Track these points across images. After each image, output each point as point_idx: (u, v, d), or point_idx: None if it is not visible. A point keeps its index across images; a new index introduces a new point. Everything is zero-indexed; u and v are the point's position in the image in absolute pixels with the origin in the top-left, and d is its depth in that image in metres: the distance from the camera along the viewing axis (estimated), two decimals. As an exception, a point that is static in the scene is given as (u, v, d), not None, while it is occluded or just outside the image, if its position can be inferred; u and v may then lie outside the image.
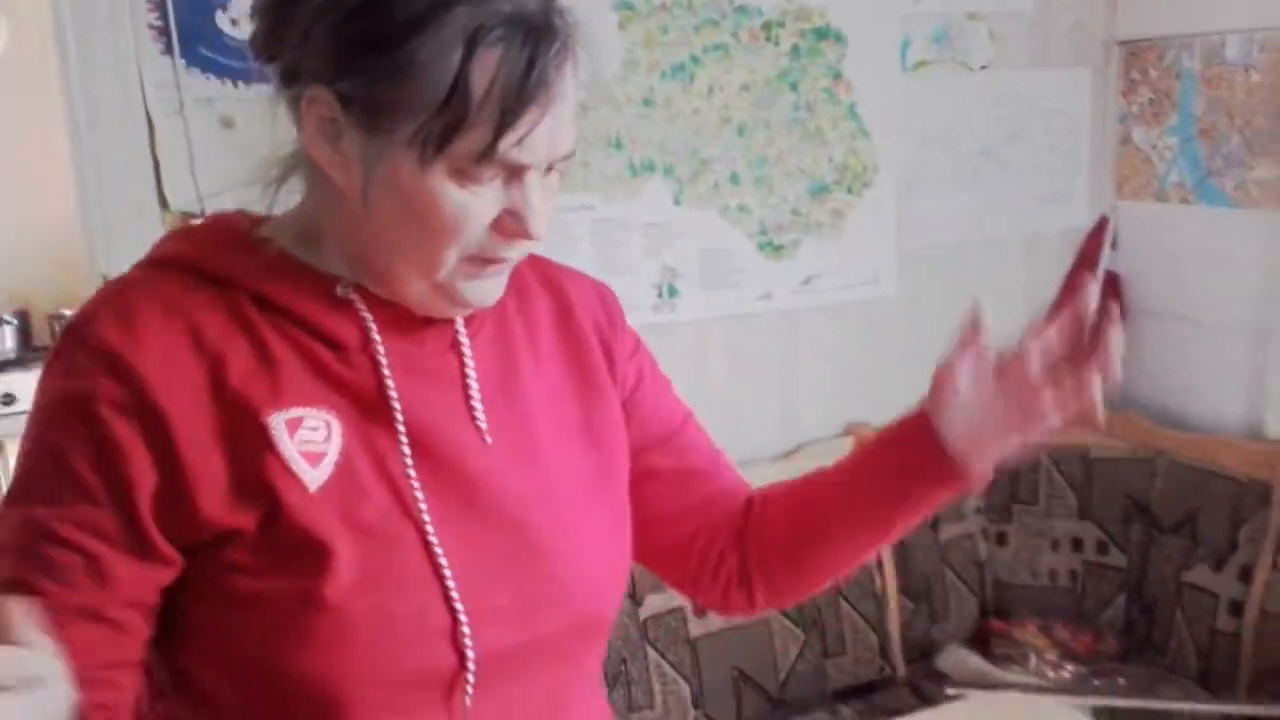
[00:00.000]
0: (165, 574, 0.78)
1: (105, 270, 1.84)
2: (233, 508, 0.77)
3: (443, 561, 0.81)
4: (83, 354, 0.77)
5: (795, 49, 2.23)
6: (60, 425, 0.77)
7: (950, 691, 1.85)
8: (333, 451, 0.80)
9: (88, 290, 3.21)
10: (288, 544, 0.78)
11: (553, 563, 0.86)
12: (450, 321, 0.87)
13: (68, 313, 3.67)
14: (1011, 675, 2.23)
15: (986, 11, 2.36)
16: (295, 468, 0.78)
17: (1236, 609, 2.16)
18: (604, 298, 1.00)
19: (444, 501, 0.83)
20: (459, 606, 0.81)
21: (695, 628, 2.19)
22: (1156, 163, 2.42)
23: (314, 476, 0.79)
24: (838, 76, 2.27)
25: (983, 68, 2.39)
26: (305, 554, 0.77)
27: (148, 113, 1.79)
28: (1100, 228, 2.53)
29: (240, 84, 1.83)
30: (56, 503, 0.76)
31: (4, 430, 3.40)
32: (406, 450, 0.82)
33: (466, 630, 0.81)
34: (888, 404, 2.40)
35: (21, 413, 3.43)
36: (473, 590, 0.82)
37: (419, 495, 0.82)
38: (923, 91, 2.35)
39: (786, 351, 2.36)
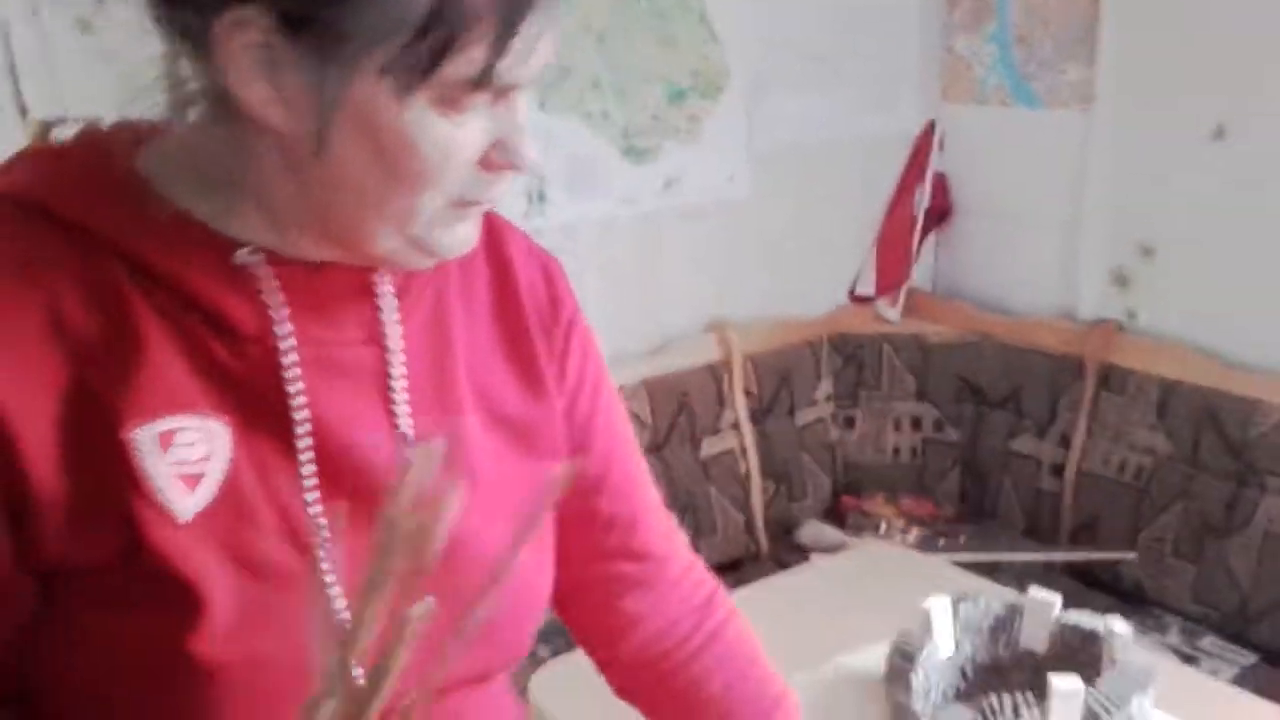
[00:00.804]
0: (15, 594, 0.63)
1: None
2: (84, 540, 0.62)
3: (340, 604, 0.67)
4: None
5: (651, -43, 2.29)
6: None
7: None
8: (215, 471, 0.64)
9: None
10: (149, 585, 0.62)
11: (471, 596, 0.65)
12: (372, 298, 0.71)
13: None
14: (865, 541, 2.43)
15: (825, -79, 2.48)
16: (163, 496, 0.62)
17: (1057, 471, 2.42)
18: (549, 273, 0.83)
19: (353, 530, 0.63)
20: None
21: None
22: (977, 68, 2.61)
23: (188, 505, 0.63)
24: (690, -16, 2.35)
25: (819, -22, 2.51)
26: (170, 598, 0.62)
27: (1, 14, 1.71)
28: (929, 131, 2.72)
29: (96, -15, 1.76)
30: None
31: None
32: (309, 467, 0.67)
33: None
34: (745, 300, 2.55)
35: None
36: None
37: (321, 523, 0.67)
38: None
39: (650, 254, 2.45)
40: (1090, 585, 2.32)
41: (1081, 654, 1.34)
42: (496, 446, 0.76)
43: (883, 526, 2.46)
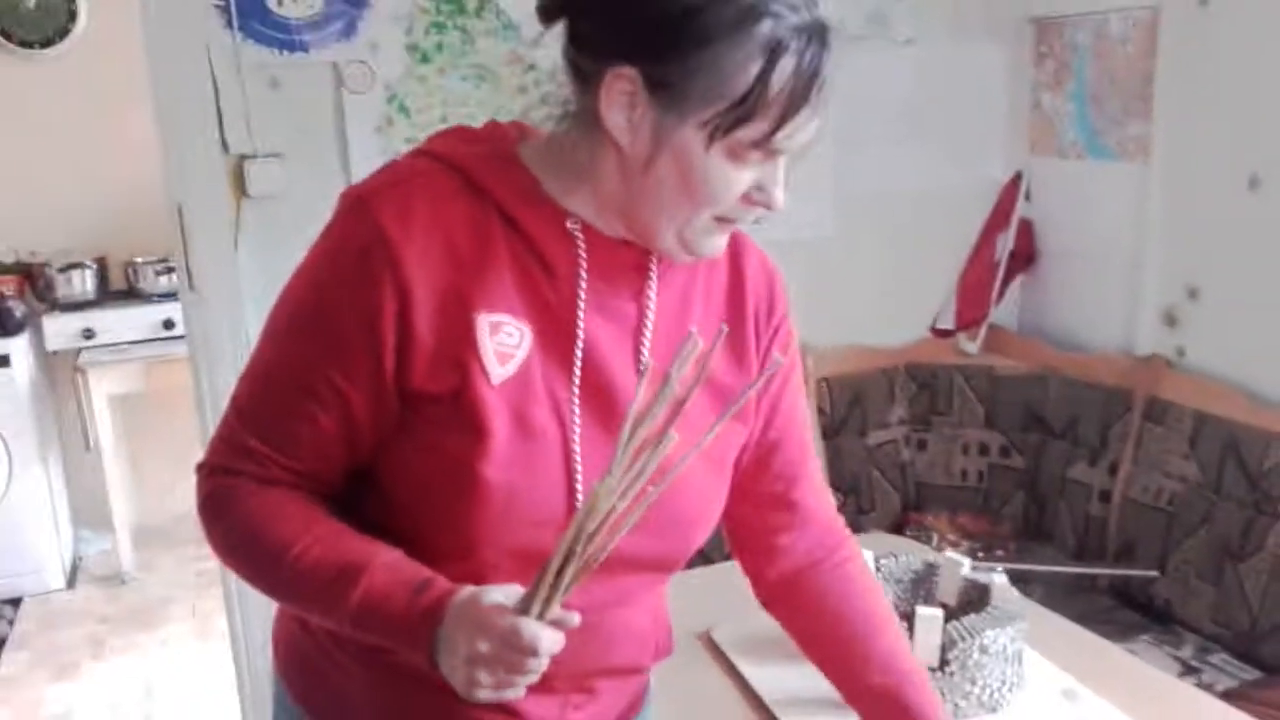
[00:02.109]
0: (389, 414, 0.95)
1: (178, 199, 2.33)
2: (435, 376, 0.93)
3: (578, 466, 0.96)
4: (366, 230, 0.92)
5: (743, 26, 2.66)
6: (338, 282, 0.93)
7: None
8: (519, 356, 0.94)
9: (158, 239, 3.73)
10: (465, 416, 0.93)
11: (667, 502, 0.90)
12: (646, 275, 1.01)
13: (140, 260, 4.18)
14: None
15: (911, -8, 2.78)
16: (486, 361, 0.93)
17: (1105, 497, 2.57)
18: (772, 282, 1.12)
19: (592, 422, 0.97)
20: (580, 504, 0.94)
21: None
22: (1058, 124, 2.82)
23: (499, 372, 0.93)
24: (780, 49, 2.70)
25: (907, 42, 2.81)
26: (473, 430, 0.93)
27: (213, 76, 2.26)
28: (1015, 181, 2.94)
29: (285, 52, 2.30)
30: (322, 341, 0.94)
31: (86, 359, 3.92)
32: (578, 373, 0.97)
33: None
34: (824, 328, 2.85)
35: (101, 345, 3.97)
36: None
37: (576, 411, 0.96)
38: (855, 63, 2.76)
39: (737, 281, 2.79)
40: (1125, 604, 2.45)
41: (980, 604, 1.58)
42: (704, 402, 1.00)
43: (934, 539, 2.67)
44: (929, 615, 1.47)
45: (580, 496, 0.96)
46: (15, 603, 3.89)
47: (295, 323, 0.97)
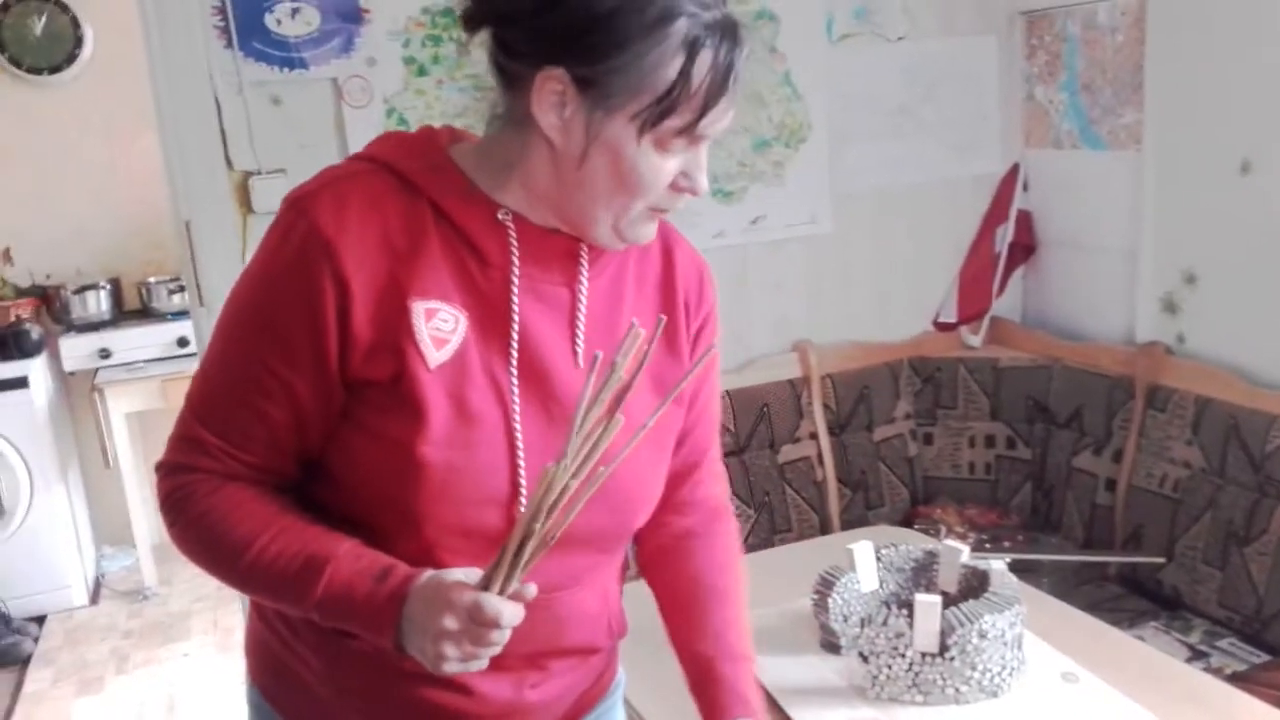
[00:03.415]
0: (335, 402, 1.00)
1: (186, 216, 2.37)
2: (374, 364, 0.98)
3: (520, 445, 1.01)
4: (304, 231, 0.97)
5: (736, 29, 2.69)
6: (281, 281, 0.98)
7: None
8: (455, 341, 0.99)
9: (170, 259, 3.80)
10: (404, 400, 0.98)
11: (614, 482, 0.94)
12: (576, 263, 1.06)
13: (153, 280, 4.23)
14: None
15: (901, -9, 2.81)
16: (423, 346, 0.97)
17: (1111, 485, 2.58)
18: (701, 274, 1.18)
19: (531, 402, 1.02)
20: (523, 483, 1.01)
21: (662, 506, 2.67)
22: (1053, 115, 2.84)
23: (435, 357, 0.98)
24: (773, 50, 2.73)
25: (899, 39, 2.83)
26: (411, 413, 0.98)
27: (215, 94, 2.30)
28: (1012, 173, 2.95)
29: (285, 70, 2.34)
30: (268, 337, 0.98)
31: (104, 378, 3.97)
32: (514, 356, 1.01)
33: (524, 503, 1.00)
34: (826, 324, 2.87)
35: (118, 365, 4.03)
36: (534, 477, 0.96)
37: (515, 393, 1.01)
38: (847, 60, 2.79)
39: (738, 281, 2.82)
40: (1134, 591, 2.46)
41: (980, 591, 1.60)
42: (642, 386, 1.03)
43: (943, 531, 2.68)
44: (927, 602, 1.49)
45: (523, 474, 1.01)
46: (40, 620, 3.94)
47: (242, 321, 1.01)
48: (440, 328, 0.98)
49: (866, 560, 1.69)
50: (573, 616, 1.12)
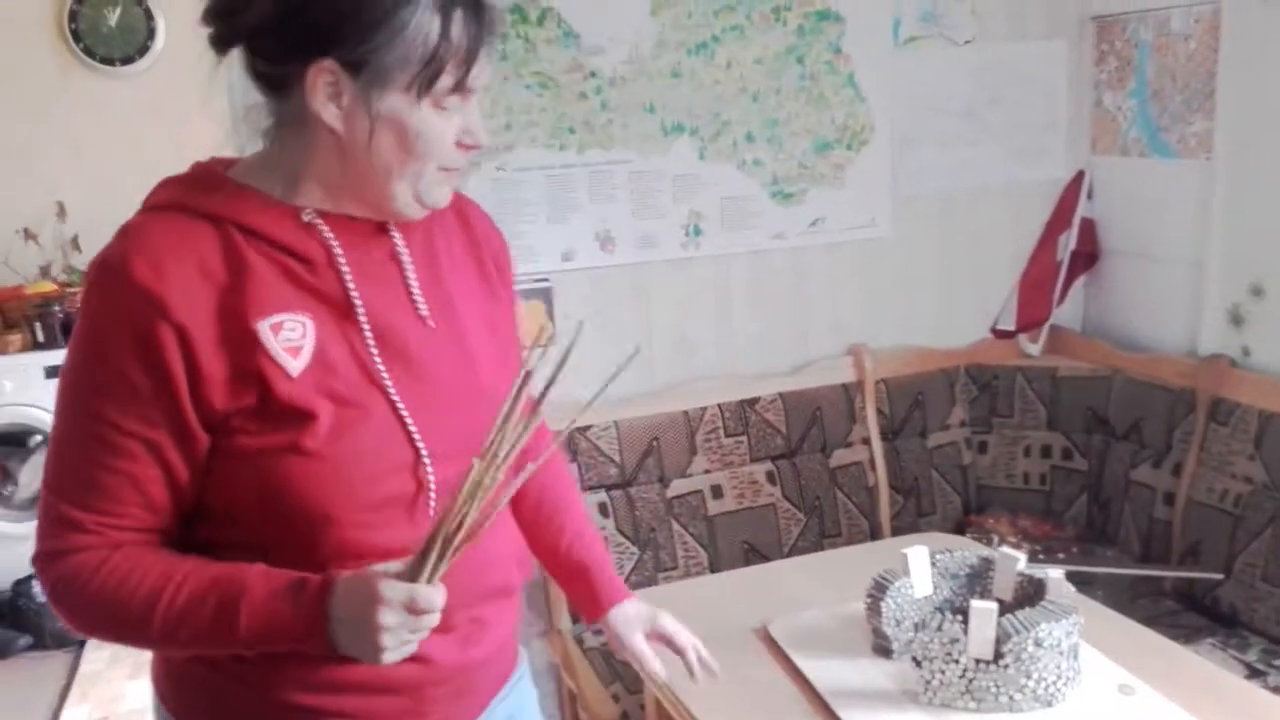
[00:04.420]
0: (200, 446, 1.01)
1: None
2: (235, 394, 1.00)
3: (403, 410, 1.06)
4: (124, 288, 0.97)
5: (801, 29, 2.69)
6: (114, 342, 0.98)
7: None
8: (308, 344, 1.02)
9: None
10: (278, 414, 1.01)
11: (483, 411, 1.04)
12: (389, 237, 1.11)
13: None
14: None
15: (969, -6, 2.78)
16: (280, 360, 1.00)
17: (1169, 499, 2.54)
18: (488, 221, 1.27)
19: (399, 371, 1.07)
20: (420, 445, 1.06)
21: (713, 507, 2.67)
22: (1121, 121, 2.80)
23: (295, 365, 1.01)
24: (838, 51, 2.72)
25: (966, 42, 2.81)
26: (292, 419, 1.01)
27: (284, 86, 2.34)
28: (1077, 180, 2.92)
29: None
30: (115, 399, 0.98)
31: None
32: (369, 337, 1.06)
33: (427, 462, 1.06)
34: (883, 328, 2.85)
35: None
36: (428, 434, 1.06)
37: (381, 368, 1.06)
38: (913, 62, 2.78)
39: (796, 283, 2.81)
40: (1190, 607, 2.42)
41: (1035, 599, 1.59)
42: (476, 323, 1.17)
43: (995, 541, 2.66)
44: (983, 609, 1.48)
45: (417, 436, 1.06)
46: (97, 600, 4.02)
47: (85, 392, 1.01)
48: (290, 337, 1.01)
49: (921, 565, 1.68)
50: (490, 557, 1.17)
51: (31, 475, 4.01)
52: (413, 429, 1.06)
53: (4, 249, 4.68)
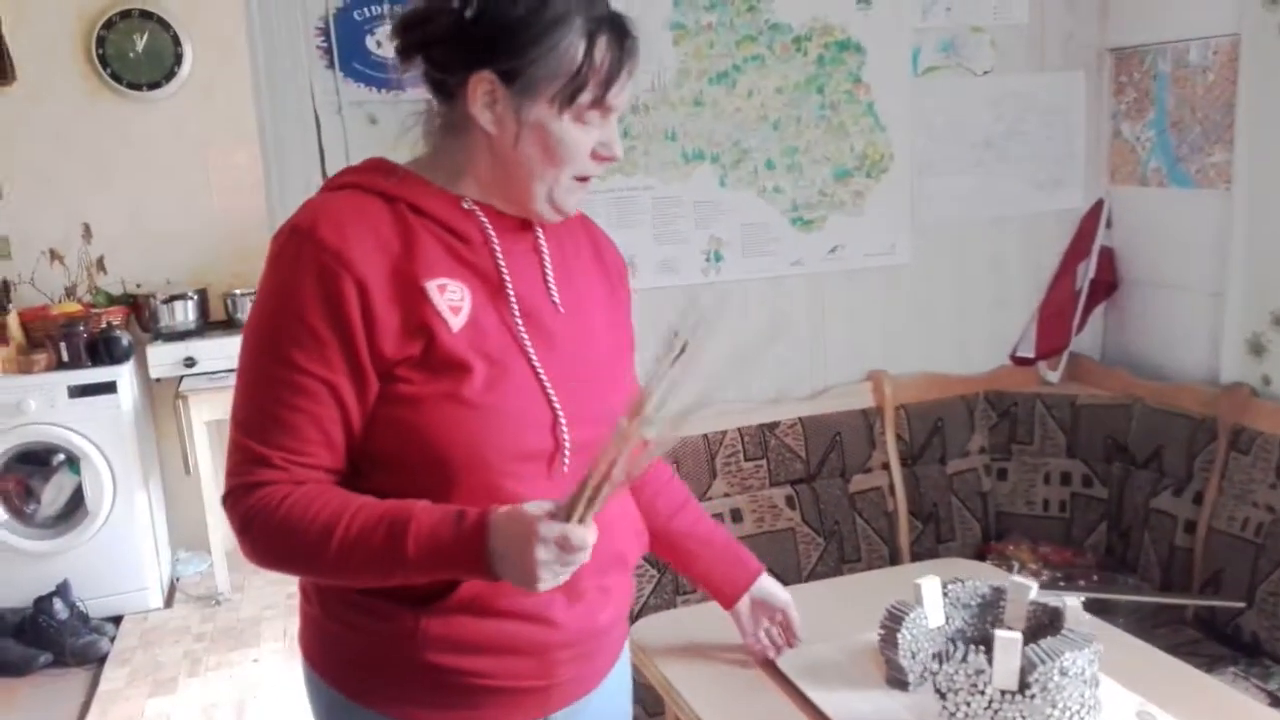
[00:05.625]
0: (372, 390, 1.17)
1: (280, 230, 2.45)
2: (404, 343, 1.16)
3: (544, 377, 1.23)
4: (312, 246, 1.14)
5: (821, 58, 2.72)
6: (303, 293, 1.13)
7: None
8: (466, 307, 1.20)
9: (254, 273, 3.90)
10: (439, 364, 1.17)
11: (607, 389, 1.28)
12: (533, 233, 1.30)
13: (239, 292, 4.35)
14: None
15: (988, 25, 2.81)
16: (444, 315, 1.18)
17: (1190, 527, 2.53)
18: (613, 243, 1.47)
19: (539, 343, 1.24)
20: (557, 407, 1.23)
21: (732, 531, 2.66)
22: (1140, 152, 2.82)
23: (456, 322, 1.18)
24: (858, 81, 2.75)
25: (985, 73, 2.83)
26: (451, 369, 1.17)
27: (315, 113, 2.38)
28: (1096, 210, 2.93)
29: (383, 91, 2.41)
30: (301, 346, 1.13)
31: (187, 386, 4.09)
32: (517, 310, 1.24)
33: (564, 422, 1.23)
34: (902, 355, 2.86)
35: (201, 373, 4.14)
36: (564, 398, 1.23)
37: (525, 337, 1.23)
38: (932, 93, 2.80)
39: (815, 309, 2.83)
40: (1211, 636, 2.42)
41: (1050, 629, 1.59)
42: (601, 316, 1.36)
43: (1015, 568, 2.66)
44: (1008, 639, 1.48)
45: (554, 397, 1.22)
46: (116, 620, 4.05)
47: (273, 340, 1.15)
48: (452, 299, 1.18)
49: (934, 595, 1.68)
50: (618, 523, 1.32)
51: (54, 494, 4.07)
52: (551, 392, 1.22)
53: (30, 270, 4.76)
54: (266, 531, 1.14)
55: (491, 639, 1.21)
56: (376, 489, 1.17)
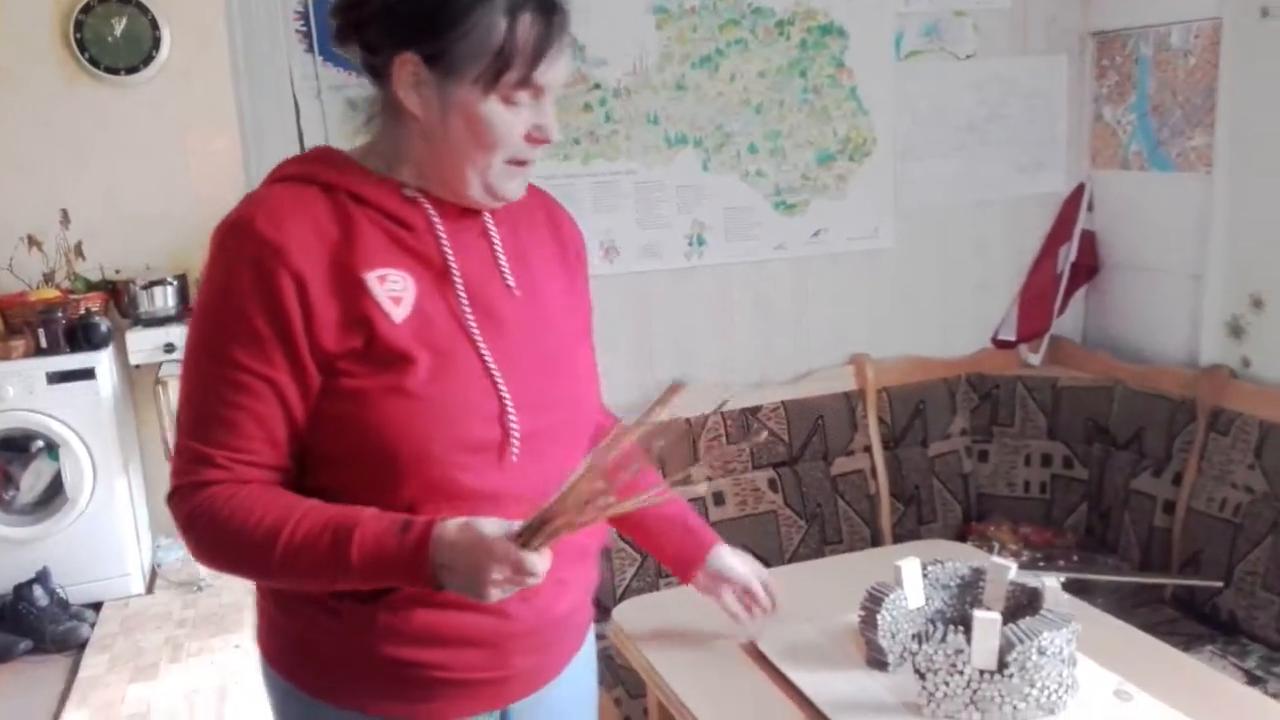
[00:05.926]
0: (314, 385, 1.12)
1: (259, 215, 2.43)
2: (345, 336, 1.12)
3: (491, 365, 1.18)
4: (249, 240, 1.11)
5: (804, 43, 2.71)
6: (240, 289, 1.10)
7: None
8: (409, 297, 1.15)
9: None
10: (381, 356, 1.12)
11: (562, 374, 1.23)
12: (480, 217, 1.23)
13: (218, 276, 4.32)
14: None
15: (971, 9, 2.81)
16: (385, 307, 1.13)
17: (1169, 508, 2.55)
18: (571, 219, 1.40)
19: (488, 330, 1.19)
20: (505, 395, 1.17)
21: (714, 514, 2.68)
22: (1121, 135, 2.83)
23: (397, 313, 1.14)
24: (840, 65, 2.74)
25: (968, 57, 2.83)
26: (394, 362, 1.13)
27: (294, 97, 2.37)
28: (1077, 193, 2.94)
29: (362, 75, 2.39)
30: (241, 342, 1.10)
31: (167, 372, 4.05)
32: (463, 297, 1.18)
33: (512, 411, 1.18)
34: (885, 338, 2.87)
35: (179, 359, 4.10)
36: (513, 387, 1.18)
37: (472, 324, 1.18)
38: (915, 76, 2.80)
39: (798, 293, 2.83)
40: (1189, 615, 2.44)
41: (1029, 609, 1.60)
42: (557, 298, 1.29)
43: (996, 548, 2.67)
44: (987, 619, 1.49)
45: (502, 388, 1.18)
46: (96, 606, 4.02)
47: (214, 337, 1.13)
48: (393, 289, 1.14)
49: (914, 577, 1.68)
50: None
51: (33, 480, 4.03)
52: (499, 380, 1.17)
53: (8, 256, 4.70)
54: (211, 533, 1.13)
55: (446, 630, 1.19)
56: (325, 485, 1.16)
